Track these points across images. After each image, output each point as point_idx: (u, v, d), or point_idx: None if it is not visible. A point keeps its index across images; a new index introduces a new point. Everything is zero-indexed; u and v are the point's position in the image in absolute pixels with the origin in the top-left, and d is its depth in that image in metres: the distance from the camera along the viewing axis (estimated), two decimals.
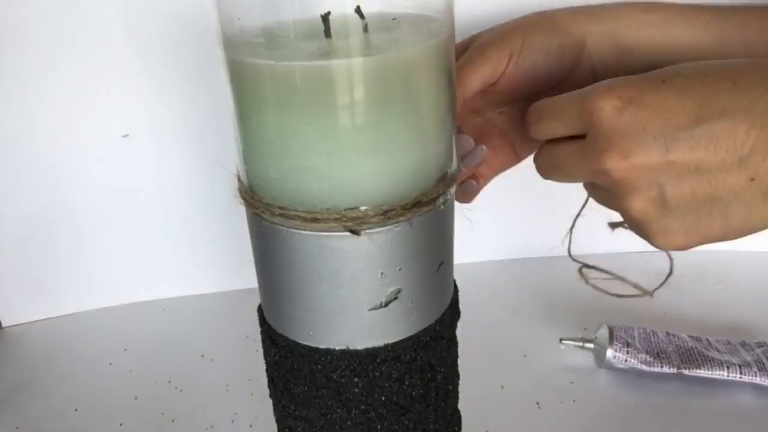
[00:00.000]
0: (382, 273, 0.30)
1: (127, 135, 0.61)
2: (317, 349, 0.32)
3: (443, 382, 0.35)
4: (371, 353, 0.32)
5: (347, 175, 0.28)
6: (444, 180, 0.31)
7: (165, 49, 0.58)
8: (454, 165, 0.33)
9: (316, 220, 0.28)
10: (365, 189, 0.28)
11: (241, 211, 0.33)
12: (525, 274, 0.70)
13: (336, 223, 0.28)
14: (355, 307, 0.30)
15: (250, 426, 0.51)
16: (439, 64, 0.29)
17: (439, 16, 0.31)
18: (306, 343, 0.32)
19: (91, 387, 0.57)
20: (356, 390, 0.32)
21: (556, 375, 0.54)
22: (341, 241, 0.29)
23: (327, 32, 0.28)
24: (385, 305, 0.31)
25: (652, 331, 0.54)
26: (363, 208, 0.28)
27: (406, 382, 0.33)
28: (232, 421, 0.52)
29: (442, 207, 0.31)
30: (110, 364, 0.59)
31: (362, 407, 0.33)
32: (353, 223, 0.28)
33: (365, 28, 0.27)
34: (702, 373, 0.50)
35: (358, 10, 0.27)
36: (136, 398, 0.55)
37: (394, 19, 0.31)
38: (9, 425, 0.52)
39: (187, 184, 0.64)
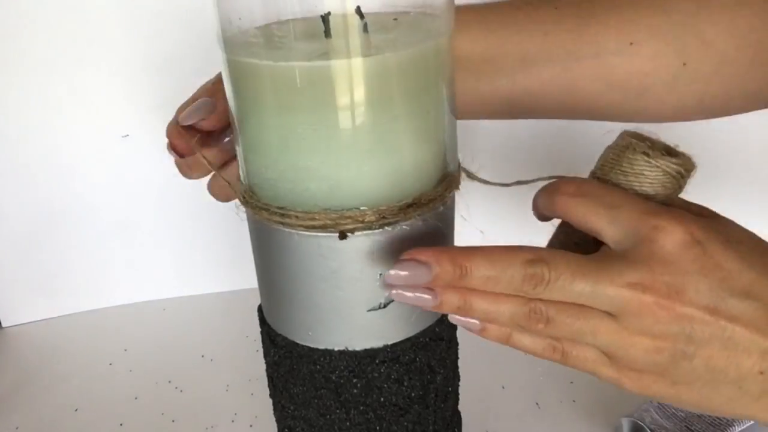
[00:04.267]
0: (380, 274, 0.30)
1: (127, 135, 0.61)
2: (316, 350, 0.32)
3: (443, 384, 0.35)
4: (370, 354, 0.32)
5: (345, 175, 0.28)
6: (444, 181, 0.31)
7: (166, 49, 0.58)
8: (455, 166, 0.33)
9: (313, 220, 0.28)
10: (363, 190, 0.28)
11: (241, 211, 0.33)
12: None
13: (333, 223, 0.28)
14: (354, 307, 0.30)
15: (250, 426, 0.51)
16: (438, 64, 0.29)
17: (438, 15, 0.30)
18: (305, 343, 0.32)
19: (91, 387, 0.57)
20: (355, 391, 0.32)
21: (556, 375, 0.54)
22: (339, 241, 0.29)
23: (327, 32, 0.28)
24: (384, 306, 0.31)
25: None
26: (361, 208, 0.28)
27: (405, 384, 0.33)
28: (232, 421, 0.52)
29: (441, 208, 0.31)
30: (110, 364, 0.59)
31: (361, 408, 0.33)
32: (351, 222, 0.28)
33: (365, 28, 0.27)
34: (736, 429, 0.49)
35: (358, 10, 0.27)
36: (136, 398, 0.55)
37: (395, 19, 0.31)
38: (9, 425, 0.52)
39: (188, 184, 0.64)
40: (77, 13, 0.55)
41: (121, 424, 0.52)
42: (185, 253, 0.67)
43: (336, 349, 0.32)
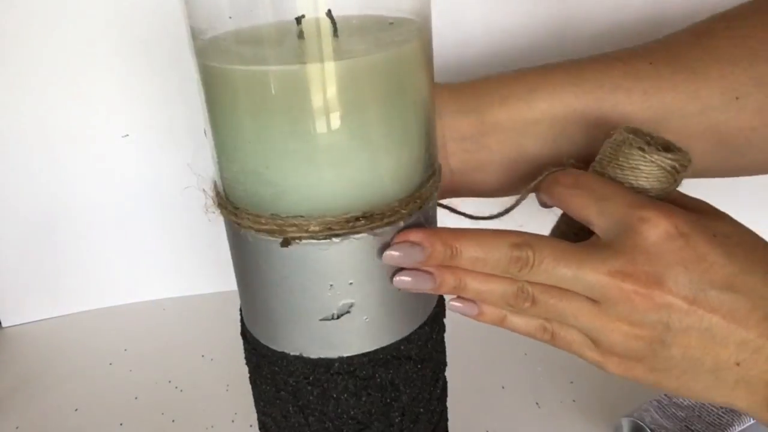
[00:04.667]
0: (331, 285, 0.29)
1: (128, 135, 0.61)
2: (275, 352, 0.32)
3: (410, 404, 0.34)
4: (324, 363, 0.31)
5: (290, 182, 0.27)
6: (408, 197, 0.30)
7: (164, 49, 0.58)
8: (424, 183, 0.31)
9: (260, 224, 0.28)
10: (309, 198, 0.28)
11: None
12: None
13: (279, 229, 0.28)
14: (307, 315, 0.30)
15: (250, 426, 0.51)
16: (401, 72, 0.28)
17: (415, 18, 0.30)
18: (266, 343, 0.32)
19: (91, 387, 0.57)
20: (311, 398, 0.32)
21: (556, 375, 0.54)
22: (285, 248, 0.28)
23: (300, 34, 0.27)
24: (337, 317, 0.30)
25: (665, 402, 0.49)
26: (305, 217, 0.28)
27: (364, 398, 0.32)
28: (232, 421, 0.52)
29: (401, 224, 0.29)
30: (110, 364, 0.59)
31: (317, 415, 0.32)
32: (296, 231, 0.28)
33: (335, 33, 0.27)
34: (736, 428, 0.48)
35: (329, 13, 0.26)
36: (136, 398, 0.55)
37: (391, 23, 0.30)
38: (9, 425, 0.52)
39: (188, 183, 0.64)
40: (77, 12, 0.55)
41: (121, 424, 0.52)
42: (185, 253, 0.67)
43: (291, 354, 0.31)
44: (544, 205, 0.34)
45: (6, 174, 0.60)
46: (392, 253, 0.29)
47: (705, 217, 0.29)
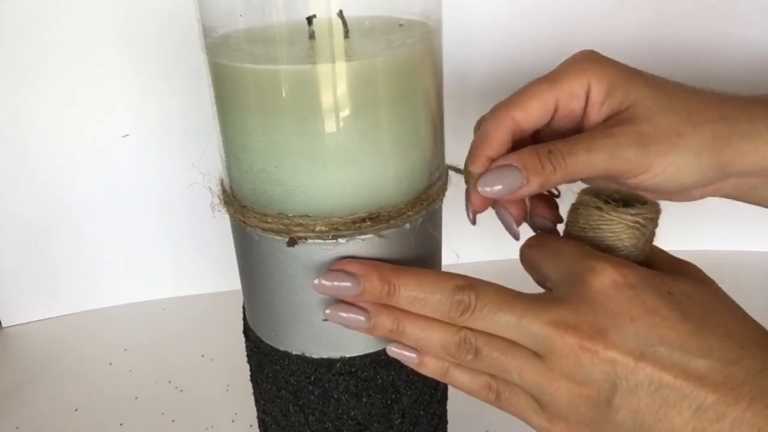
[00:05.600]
0: None
1: (127, 135, 0.61)
2: (277, 350, 0.32)
3: (411, 407, 0.34)
4: (326, 363, 0.31)
5: (298, 182, 0.27)
6: (415, 198, 0.30)
7: (165, 49, 0.58)
8: (430, 185, 0.31)
9: (266, 223, 0.28)
10: (316, 198, 0.28)
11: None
12: (525, 274, 0.69)
13: (285, 228, 0.28)
14: (310, 314, 0.30)
15: (250, 426, 0.51)
16: (411, 74, 0.28)
17: (425, 20, 0.30)
18: (268, 342, 0.32)
19: (91, 387, 0.57)
20: (312, 397, 0.32)
21: None
22: (291, 247, 0.28)
23: (312, 35, 0.27)
24: None
25: None
26: (311, 217, 0.28)
27: (364, 399, 0.32)
28: (232, 421, 0.52)
29: (407, 226, 0.29)
30: (110, 364, 0.59)
31: (317, 415, 0.32)
32: (302, 230, 0.28)
33: (346, 34, 0.27)
34: None
35: (340, 14, 0.26)
36: (136, 398, 0.55)
37: (401, 25, 0.30)
38: (9, 425, 0.52)
39: (187, 184, 0.64)
40: (77, 12, 0.55)
41: (121, 424, 0.52)
42: (185, 253, 0.67)
43: (294, 353, 0.32)
44: None
45: (6, 174, 0.60)
46: (323, 282, 0.27)
47: (666, 276, 0.27)
